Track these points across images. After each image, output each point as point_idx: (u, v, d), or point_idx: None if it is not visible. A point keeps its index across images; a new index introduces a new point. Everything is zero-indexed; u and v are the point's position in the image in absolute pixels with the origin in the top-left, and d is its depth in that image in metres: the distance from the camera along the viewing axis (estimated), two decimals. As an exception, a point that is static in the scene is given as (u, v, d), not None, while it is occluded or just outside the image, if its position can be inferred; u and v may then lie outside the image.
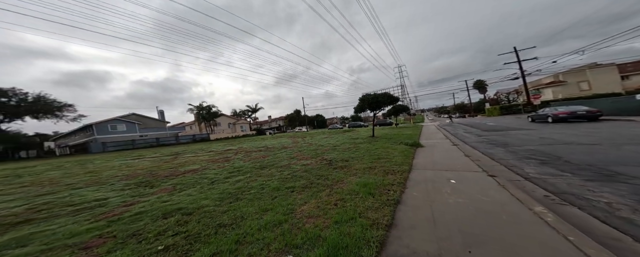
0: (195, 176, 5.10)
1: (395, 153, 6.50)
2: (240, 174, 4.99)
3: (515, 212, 2.35)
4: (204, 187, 4.04)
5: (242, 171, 5.33)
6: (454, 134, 12.39)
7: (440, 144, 8.25)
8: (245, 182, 4.20)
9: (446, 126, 20.05)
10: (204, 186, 4.12)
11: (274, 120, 73.27)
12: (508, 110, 30.59)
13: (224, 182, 4.31)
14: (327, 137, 14.91)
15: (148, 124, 43.66)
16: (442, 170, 4.43)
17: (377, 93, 11.68)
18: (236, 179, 4.52)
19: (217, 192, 3.57)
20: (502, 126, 13.73)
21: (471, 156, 5.59)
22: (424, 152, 6.81)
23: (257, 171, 5.31)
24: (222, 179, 4.59)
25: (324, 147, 9.37)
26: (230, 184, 4.18)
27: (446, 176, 3.97)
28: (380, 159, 5.76)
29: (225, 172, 5.28)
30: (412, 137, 10.94)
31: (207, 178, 4.75)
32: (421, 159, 5.68)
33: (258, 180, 4.35)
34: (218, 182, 4.40)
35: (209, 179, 4.65)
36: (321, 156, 7.02)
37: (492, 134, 10.09)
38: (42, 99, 27.62)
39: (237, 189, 3.78)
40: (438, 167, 4.72)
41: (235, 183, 4.20)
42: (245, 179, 4.48)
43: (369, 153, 6.76)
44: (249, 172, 5.14)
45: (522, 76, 26.14)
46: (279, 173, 4.90)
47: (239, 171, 5.33)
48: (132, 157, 11.79)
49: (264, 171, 5.28)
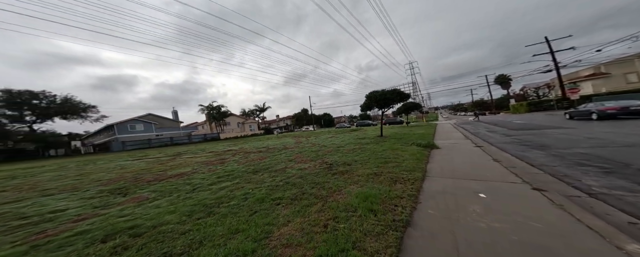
0: (179, 181, 4.72)
1: (405, 156, 5.69)
2: (229, 180, 4.52)
3: (592, 252, 1.55)
4: (182, 195, 3.60)
5: (232, 176, 4.87)
6: (474, 133, 11.12)
7: (460, 145, 7.23)
8: (230, 190, 3.70)
9: (464, 125, 18.44)
10: (182, 194, 3.68)
11: (282, 120, 73.82)
12: (537, 107, 27.69)
13: (207, 190, 3.84)
14: (332, 137, 14.22)
15: (163, 124, 45.85)
16: (465, 178, 3.60)
17: (385, 90, 10.78)
18: (221, 186, 4.04)
19: (191, 204, 3.09)
20: (533, 124, 12.12)
21: (502, 160, 4.63)
22: (441, 154, 5.91)
23: (248, 175, 4.82)
24: (206, 185, 4.14)
25: (327, 147, 8.72)
26: (212, 192, 3.70)
27: (472, 187, 3.16)
28: (388, 163, 5.01)
29: (213, 177, 4.84)
30: (425, 137, 9.93)
31: (191, 184, 4.33)
32: (437, 164, 4.84)
33: (245, 187, 3.84)
34: (200, 189, 3.95)
35: (192, 186, 4.22)
36: (322, 158, 6.39)
37: (523, 134, 8.79)
38: (69, 101, 29.90)
39: (217, 199, 3.28)
40: (460, 174, 3.88)
41: (218, 191, 3.71)
42: (231, 186, 3.99)
43: (375, 155, 6.01)
44: (238, 178, 4.65)
45: (556, 68, 23.31)
46: (270, 179, 4.35)
47: (229, 176, 4.87)
48: (136, 158, 11.96)
49: (256, 175, 4.77)
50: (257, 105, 57.96)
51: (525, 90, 39.99)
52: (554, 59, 23.86)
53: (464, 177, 3.71)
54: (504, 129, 11.71)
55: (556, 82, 35.00)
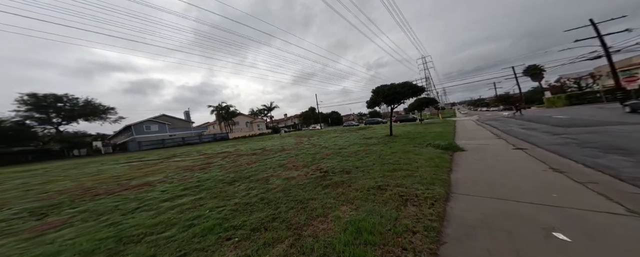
0: (131, 195, 3.95)
1: (420, 161, 4.50)
2: (193, 193, 3.70)
3: None
4: (111, 218, 2.81)
5: (201, 187, 4.04)
6: (506, 131, 9.38)
7: (492, 147, 5.81)
8: (180, 212, 2.85)
9: (490, 121, 16.29)
10: (115, 216, 2.89)
11: (290, 119, 73.67)
12: (580, 100, 24.12)
13: (153, 209, 3.03)
14: (337, 137, 13.10)
15: (176, 124, 47.68)
16: (517, 200, 2.39)
17: (395, 84, 9.46)
18: (176, 203, 3.21)
19: (104, 236, 2.26)
20: (584, 120, 10.01)
21: (566, 170, 3.27)
22: (468, 159, 4.61)
23: (221, 187, 3.96)
24: (158, 202, 3.33)
25: (328, 149, 7.68)
26: (157, 213, 2.87)
27: (535, 217, 1.97)
28: (397, 171, 3.89)
29: (179, 189, 4.05)
30: (444, 136, 8.48)
31: (141, 200, 3.55)
32: (466, 173, 3.61)
33: (204, 206, 2.97)
34: (146, 207, 3.14)
35: (141, 202, 3.44)
36: (318, 163, 5.39)
37: (577, 132, 7.03)
38: (90, 104, 31.93)
39: (151, 226, 2.42)
40: (505, 192, 2.66)
41: (165, 212, 2.88)
42: (188, 204, 3.14)
43: (381, 160, 4.88)
44: (207, 190, 3.81)
45: (607, 54, 19.86)
46: (245, 192, 3.46)
47: (198, 187, 4.05)
48: (128, 161, 11.61)
49: (230, 187, 3.90)
50: (265, 104, 58.36)
51: (563, 81, 35.37)
52: (603, 43, 20.40)
53: (514, 197, 2.49)
54: (544, 125, 9.80)
55: (603, 71, 30.43)
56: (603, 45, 20.41)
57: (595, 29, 21.45)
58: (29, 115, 26.86)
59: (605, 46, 20.34)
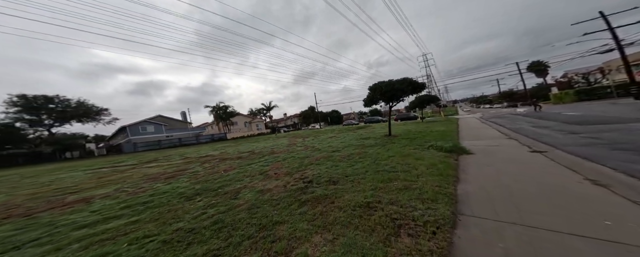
0: (54, 216, 3.27)
1: (420, 168, 3.85)
2: (135, 213, 3.04)
3: None
4: None
5: (149, 204, 3.38)
6: (515, 129, 8.67)
7: (503, 149, 5.13)
8: (82, 247, 2.20)
9: (495, 118, 15.57)
10: None
11: (289, 118, 73.01)
12: (589, 95, 23.27)
13: (53, 242, 2.37)
14: (333, 137, 12.43)
15: (173, 125, 47.18)
16: (553, 229, 1.72)
17: (393, 80, 8.78)
18: (97, 230, 2.56)
19: None
20: (600, 116, 9.28)
21: (607, 182, 2.58)
22: (477, 165, 3.94)
23: (175, 203, 3.32)
24: (70, 230, 2.62)
25: (320, 152, 7.03)
26: (55, 246, 2.23)
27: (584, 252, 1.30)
28: (393, 181, 3.26)
29: (119, 207, 3.39)
30: (447, 136, 7.80)
31: (54, 224, 2.84)
32: (476, 185, 2.94)
33: (130, 235, 2.34)
34: (50, 237, 2.47)
35: (51, 227, 2.75)
36: (304, 169, 4.75)
37: (595, 130, 6.32)
38: (83, 105, 31.40)
39: None
40: (532, 214, 1.99)
41: (65, 247, 2.22)
42: (110, 231, 2.50)
43: (376, 166, 4.23)
44: (154, 209, 3.17)
45: (619, 47, 18.96)
46: (200, 212, 2.84)
47: (146, 204, 3.39)
48: (99, 166, 10.66)
49: (187, 204, 3.27)
50: (264, 104, 57.72)
51: (570, 76, 34.37)
52: (614, 36, 19.52)
53: (549, 224, 1.82)
54: (555, 123, 9.08)
55: (612, 66, 29.44)
56: (615, 38, 19.53)
57: (605, 21, 20.56)
58: (19, 117, 26.37)
59: (617, 39, 19.46)
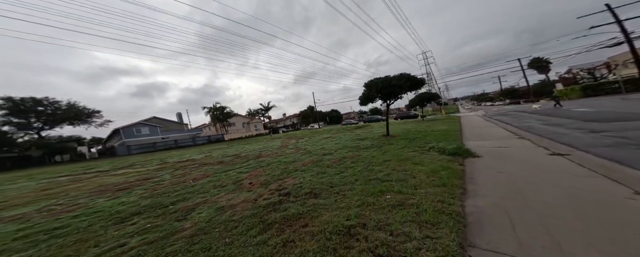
0: None
1: (419, 175, 3.24)
2: (27, 247, 2.42)
3: None
4: None
5: (58, 232, 2.75)
6: (524, 127, 8.03)
7: (515, 151, 4.49)
8: None
9: (499, 116, 14.93)
10: None
11: (289, 118, 72.40)
12: (596, 91, 22.62)
13: None
14: (329, 138, 11.79)
15: (169, 126, 46.59)
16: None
17: (389, 76, 8.16)
18: None
19: None
20: (618, 113, 8.63)
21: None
22: (486, 172, 3.31)
23: (95, 230, 2.71)
24: None
25: (310, 155, 6.40)
26: None
27: None
28: (385, 194, 2.66)
29: (12, 237, 2.77)
30: (449, 136, 7.17)
31: None
32: (488, 200, 2.30)
33: None
34: None
35: None
36: (286, 178, 4.13)
37: (618, 127, 5.68)
38: (73, 107, 30.79)
39: None
40: (573, 246, 1.35)
41: None
42: None
43: (368, 174, 3.60)
44: (58, 239, 2.54)
45: (628, 40, 18.28)
46: (113, 245, 2.24)
47: (54, 232, 2.75)
48: (68, 172, 10.02)
49: (110, 231, 2.66)
50: (262, 104, 57.11)
51: (576, 72, 33.68)
52: (622, 29, 18.84)
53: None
54: (569, 120, 8.44)
55: (619, 60, 28.74)
56: (623, 31, 18.85)
57: (613, 14, 19.89)
58: (6, 120, 25.78)
59: (625, 32, 18.78)
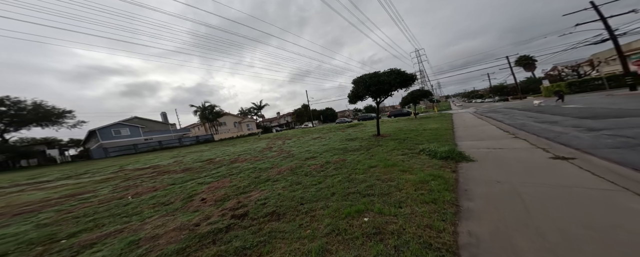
0: None
1: (406, 186, 2.71)
2: None
3: None
4: None
5: None
6: (518, 125, 7.77)
7: (513, 154, 4.07)
8: None
9: (490, 113, 14.92)
10: None
11: (283, 117, 71.23)
12: (581, 87, 23.32)
13: None
14: (318, 138, 11.19)
15: (153, 127, 44.41)
16: None
17: (379, 71, 7.65)
18: None
19: None
20: (610, 109, 8.56)
21: None
22: (483, 181, 2.82)
23: None
24: None
25: (292, 159, 5.77)
26: None
27: None
28: (362, 215, 2.11)
29: None
30: (441, 136, 6.77)
31: None
32: (491, 225, 1.77)
33: None
34: None
35: None
36: (252, 190, 3.49)
37: (616, 124, 5.43)
38: (40, 107, 28.35)
39: None
40: None
41: None
42: None
43: (349, 184, 3.03)
44: None
45: (612, 37, 18.74)
46: None
47: None
48: (7, 182, 9.02)
49: None
50: (254, 103, 55.73)
51: (561, 69, 34.81)
52: (607, 26, 19.33)
53: None
54: (562, 117, 8.27)
55: (601, 58, 29.86)
56: (607, 28, 19.33)
57: (597, 11, 20.37)
58: (-40, 122, 23.31)
59: (609, 29, 19.28)
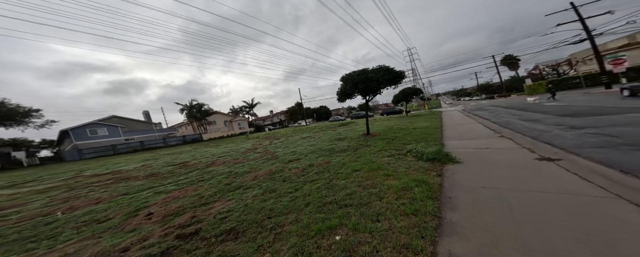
0: None
1: (388, 194, 2.44)
2: None
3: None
4: None
5: None
6: (502, 124, 7.81)
7: (499, 155, 3.93)
8: None
9: (477, 111, 15.24)
10: None
11: (276, 115, 70.03)
12: (560, 85, 24.43)
13: None
14: (307, 137, 10.81)
15: (134, 127, 42.12)
16: None
17: (367, 68, 7.38)
18: None
19: None
20: (589, 106, 8.81)
21: None
22: (468, 186, 2.59)
23: None
24: None
25: (274, 162, 5.37)
26: None
27: None
28: (336, 231, 1.79)
29: None
30: (429, 135, 6.65)
31: None
32: (475, 242, 1.50)
33: None
34: None
35: None
36: (215, 202, 3.09)
37: (596, 123, 5.48)
38: (3, 105, 25.89)
39: None
40: None
41: None
42: None
43: (327, 192, 2.72)
44: None
45: (590, 37, 19.66)
46: None
47: None
48: None
49: None
50: (246, 101, 54.28)
51: (542, 68, 36.45)
52: (585, 26, 20.23)
53: None
54: (543, 115, 8.42)
55: (579, 57, 31.51)
56: (585, 29, 20.24)
57: (576, 12, 21.25)
58: None
59: (587, 29, 20.19)
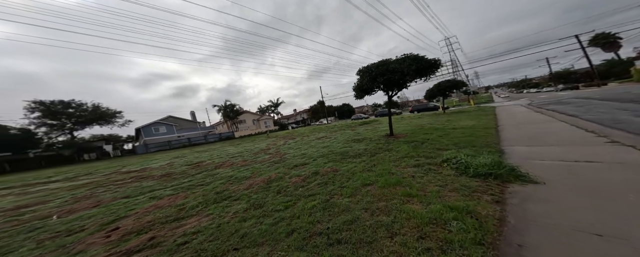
0: None
1: (405, 229, 1.40)
2: None
3: None
4: None
5: None
6: (608, 123, 5.35)
7: (615, 173, 2.34)
8: None
9: (555, 106, 11.53)
10: None
11: (299, 114, 71.87)
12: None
13: None
14: (323, 138, 10.01)
15: (183, 125, 49.12)
16: None
17: (389, 59, 6.08)
18: None
19: None
20: None
21: None
22: (562, 235, 1.34)
23: None
24: None
25: (278, 167, 4.83)
26: None
27: None
28: None
29: None
30: (477, 138, 4.96)
31: None
32: None
33: None
34: None
35: None
36: (191, 216, 2.65)
37: None
38: (98, 108, 33.70)
39: None
40: None
41: None
42: None
43: (321, 216, 1.90)
44: None
45: None
46: None
47: None
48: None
49: None
50: (271, 101, 57.21)
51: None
52: None
53: None
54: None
55: None
56: None
57: None
58: (40, 122, 29.03)
59: None
